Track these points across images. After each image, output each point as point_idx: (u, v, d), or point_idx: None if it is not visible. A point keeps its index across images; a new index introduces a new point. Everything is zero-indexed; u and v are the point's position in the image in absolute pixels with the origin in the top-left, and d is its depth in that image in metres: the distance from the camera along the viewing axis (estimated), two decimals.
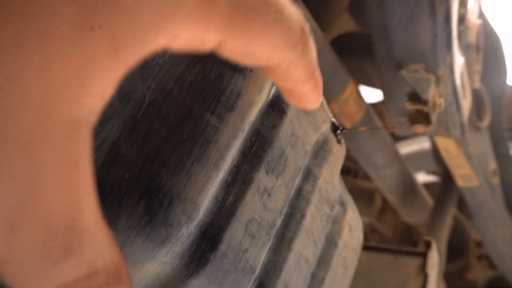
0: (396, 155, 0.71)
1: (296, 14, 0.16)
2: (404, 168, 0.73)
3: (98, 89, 0.12)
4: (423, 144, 1.22)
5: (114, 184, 0.18)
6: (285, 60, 0.17)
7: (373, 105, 0.96)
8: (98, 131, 0.18)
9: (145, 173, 0.19)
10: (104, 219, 0.14)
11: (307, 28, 0.17)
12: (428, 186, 1.03)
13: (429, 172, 1.15)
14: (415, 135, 1.19)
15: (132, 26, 0.12)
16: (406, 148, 1.20)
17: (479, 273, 0.99)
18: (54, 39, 0.11)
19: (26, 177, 0.11)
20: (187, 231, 0.21)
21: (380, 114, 0.87)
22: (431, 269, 0.50)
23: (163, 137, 0.20)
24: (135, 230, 0.19)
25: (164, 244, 0.20)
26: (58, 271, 0.12)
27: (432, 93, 0.44)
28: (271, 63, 0.17)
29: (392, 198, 0.77)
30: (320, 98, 0.20)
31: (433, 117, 0.46)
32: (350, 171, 1.07)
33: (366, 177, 1.06)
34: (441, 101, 0.46)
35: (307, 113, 0.30)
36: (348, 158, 1.08)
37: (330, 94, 0.53)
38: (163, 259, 0.20)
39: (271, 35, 0.15)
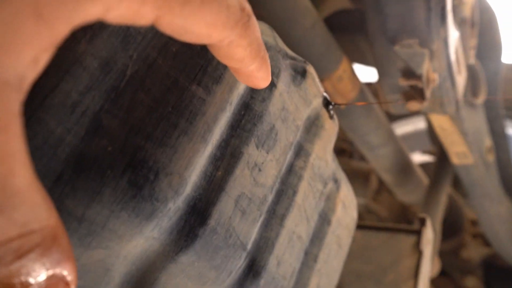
0: (391, 134, 0.70)
1: None
2: (399, 147, 0.73)
3: (26, 55, 0.12)
4: (418, 124, 1.22)
5: (97, 157, 0.18)
6: (225, 39, 0.17)
7: (368, 85, 0.95)
8: (78, 101, 0.18)
9: (128, 146, 0.18)
10: (39, 183, 0.14)
11: (248, 8, 0.18)
12: (423, 166, 1.04)
13: (425, 152, 1.15)
14: (410, 115, 1.19)
15: None
16: (401, 128, 1.20)
17: (474, 251, 1.00)
18: None
19: None
20: (174, 206, 0.20)
21: (375, 94, 0.86)
22: (425, 246, 0.50)
23: (147, 109, 0.19)
24: (119, 204, 0.18)
25: (150, 218, 0.19)
26: None
27: (426, 68, 0.43)
28: (210, 41, 0.17)
29: (388, 178, 0.76)
30: (268, 77, 0.21)
31: (427, 93, 0.45)
32: (345, 152, 1.07)
33: (361, 158, 1.06)
34: (435, 76, 0.45)
35: (297, 87, 0.29)
36: (343, 139, 1.07)
37: (323, 71, 0.52)
38: (150, 235, 0.20)
39: (209, 13, 0.16)
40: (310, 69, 0.30)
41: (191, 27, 0.16)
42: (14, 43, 0.12)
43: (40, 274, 0.14)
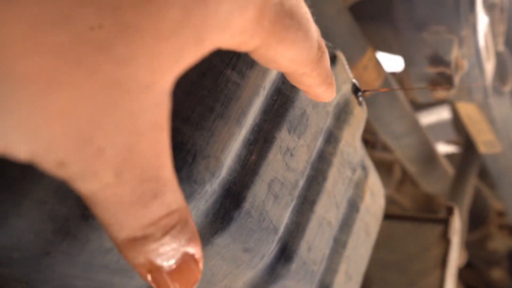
0: (415, 123, 0.69)
1: (317, 33, 0.19)
2: (424, 136, 0.72)
3: (184, 68, 0.15)
4: (442, 114, 1.20)
5: None
6: (299, 71, 0.20)
7: (393, 74, 0.94)
8: None
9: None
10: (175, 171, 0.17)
11: (323, 45, 0.20)
12: (448, 156, 1.02)
13: (449, 142, 1.13)
14: (435, 104, 1.17)
15: (213, 23, 0.15)
16: (425, 119, 1.18)
17: (500, 243, 0.98)
18: (162, 33, 0.14)
19: (130, 139, 0.14)
20: (211, 188, 0.21)
21: (400, 83, 0.85)
22: (453, 234, 0.49)
23: (184, 92, 0.20)
24: None
25: (188, 200, 0.20)
26: (147, 211, 0.15)
27: (454, 55, 0.43)
28: (286, 71, 0.20)
29: (412, 168, 0.76)
30: (332, 96, 0.23)
31: (456, 79, 0.44)
32: (368, 143, 1.06)
33: (385, 149, 1.05)
34: (464, 62, 0.44)
35: None
36: (366, 130, 1.07)
37: (347, 59, 0.52)
38: None
39: (295, 50, 0.18)
40: (340, 55, 0.30)
41: (277, 59, 0.18)
42: (181, 61, 0.15)
43: (178, 252, 0.16)
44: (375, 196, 0.39)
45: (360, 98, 0.33)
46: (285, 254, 0.27)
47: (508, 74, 0.62)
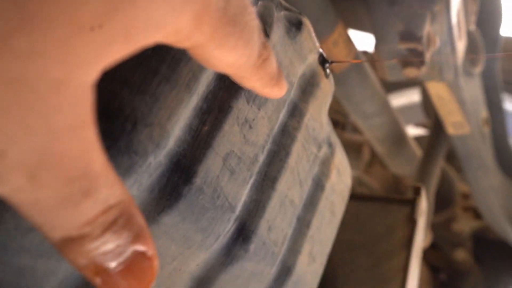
0: (385, 104, 0.69)
1: (260, 39, 0.19)
2: (394, 117, 0.71)
3: (110, 62, 0.14)
4: (412, 97, 1.20)
5: None
6: (238, 74, 0.19)
7: (364, 53, 0.93)
8: None
9: (102, 92, 0.16)
10: (110, 164, 0.15)
11: (266, 51, 0.19)
12: (417, 139, 1.02)
13: (418, 124, 1.14)
14: (405, 86, 1.17)
15: (143, 22, 0.14)
16: (395, 101, 1.18)
17: (464, 224, 1.00)
18: (80, 25, 0.12)
19: (41, 141, 0.13)
20: (155, 161, 0.18)
21: (371, 62, 0.84)
22: (419, 215, 0.49)
23: None
24: None
25: (128, 173, 0.17)
26: (80, 211, 0.14)
27: (426, 30, 0.41)
28: (224, 72, 0.19)
29: (381, 149, 0.75)
30: (282, 92, 0.22)
31: (427, 56, 0.43)
32: (338, 124, 1.05)
33: (354, 130, 1.05)
34: (436, 38, 0.43)
35: (292, 40, 0.27)
36: (336, 110, 1.06)
37: (317, 34, 0.50)
38: (129, 192, 0.18)
39: (234, 57, 0.18)
40: (306, 21, 0.28)
41: (213, 62, 0.18)
42: (103, 56, 0.14)
43: (125, 250, 0.15)
44: (341, 175, 0.37)
45: (328, 70, 0.31)
46: (243, 234, 0.25)
47: (478, 56, 0.61)
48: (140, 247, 0.16)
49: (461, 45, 0.49)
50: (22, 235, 0.16)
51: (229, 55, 0.17)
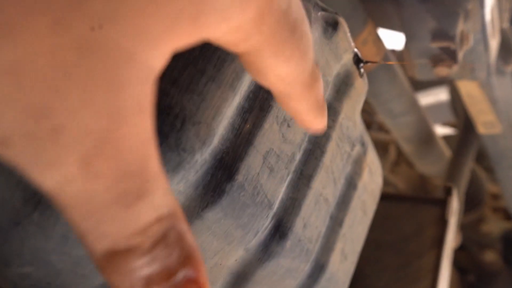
0: (414, 102, 0.68)
1: (314, 59, 0.17)
2: (422, 116, 0.70)
3: (174, 46, 0.12)
4: (440, 96, 1.19)
5: None
6: (286, 91, 0.17)
7: (393, 52, 0.92)
8: None
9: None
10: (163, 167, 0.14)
11: (318, 73, 0.18)
12: (444, 138, 1.01)
13: (446, 124, 1.12)
14: (433, 85, 1.16)
15: (211, 6, 0.12)
16: (422, 100, 1.17)
17: (494, 225, 0.98)
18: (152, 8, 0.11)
19: (105, 119, 0.11)
20: (201, 158, 0.19)
21: (400, 61, 0.83)
22: (451, 215, 0.48)
23: None
24: None
25: (177, 170, 0.18)
26: (132, 215, 0.12)
27: (460, 29, 0.41)
28: (272, 88, 0.17)
29: (408, 148, 0.74)
30: (322, 126, 0.20)
31: (460, 55, 0.43)
32: (363, 123, 1.05)
33: (380, 129, 1.04)
34: (469, 36, 0.42)
35: (328, 40, 0.28)
36: (362, 109, 1.05)
37: None
38: (176, 188, 0.19)
39: (287, 69, 0.16)
40: (342, 22, 0.28)
41: (265, 72, 0.16)
42: (173, 36, 0.12)
43: (173, 272, 0.13)
44: (373, 174, 0.37)
45: (362, 70, 0.31)
46: (280, 231, 0.26)
47: (511, 53, 0.60)
48: (191, 272, 0.13)
49: (494, 43, 0.49)
50: None
51: (283, 65, 0.16)
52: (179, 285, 0.13)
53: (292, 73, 0.16)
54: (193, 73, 0.18)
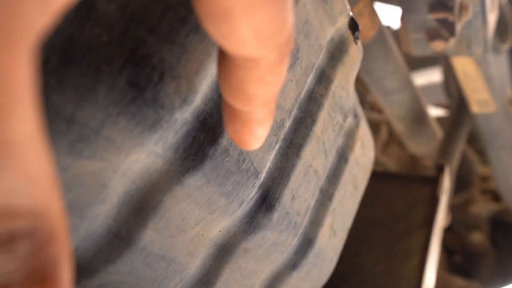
0: (407, 80, 0.67)
1: (292, 25, 0.14)
2: (415, 94, 0.69)
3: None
4: (433, 76, 1.17)
5: (89, 46, 0.15)
6: (248, 51, 0.13)
7: (388, 28, 0.91)
8: None
9: (128, 37, 0.15)
10: (46, 141, 0.09)
11: (292, 42, 0.14)
12: (437, 119, 1.00)
13: (438, 105, 1.11)
14: (426, 65, 1.14)
15: None
16: (415, 80, 1.16)
17: (482, 207, 0.98)
18: None
19: None
20: (182, 117, 0.17)
21: (395, 38, 0.82)
22: (442, 193, 0.47)
23: None
24: (117, 107, 0.15)
25: (153, 128, 0.16)
26: None
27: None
28: (240, 53, 0.13)
29: (400, 127, 0.73)
30: (261, 141, 0.17)
31: (458, 27, 0.41)
32: None
33: (372, 109, 1.03)
34: (469, 7, 0.41)
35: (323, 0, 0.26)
36: (354, 88, 1.04)
37: None
38: (153, 149, 0.17)
39: (261, 19, 0.12)
40: None
41: (234, 20, 0.12)
42: None
43: None
44: (365, 148, 0.36)
45: (357, 34, 0.29)
46: (267, 202, 0.24)
47: (508, 31, 0.58)
48: None
49: (492, 18, 0.47)
50: None
51: (256, 13, 0.12)
52: None
53: (268, 27, 0.13)
54: (174, 21, 0.16)
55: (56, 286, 0.09)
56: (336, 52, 0.29)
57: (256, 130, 0.16)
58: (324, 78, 0.28)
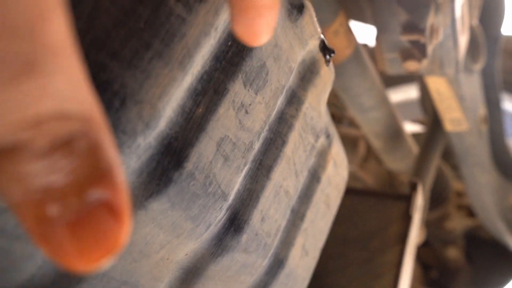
0: (384, 97, 0.67)
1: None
2: (392, 111, 0.70)
3: None
4: (409, 93, 1.19)
5: None
6: None
7: (364, 46, 0.92)
8: None
9: (89, 63, 0.15)
10: (78, 48, 0.10)
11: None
12: (413, 135, 1.02)
13: (415, 121, 1.13)
14: (403, 82, 1.16)
15: None
16: (392, 97, 1.18)
17: (457, 222, 0.99)
18: None
19: None
20: (144, 142, 0.17)
21: (372, 57, 0.83)
22: (415, 211, 0.48)
23: (113, 20, 0.16)
24: None
25: None
26: (17, 96, 0.09)
27: (430, 22, 0.40)
28: None
29: (377, 143, 0.74)
30: (271, 31, 0.17)
31: (430, 49, 0.42)
32: (334, 118, 1.04)
33: (350, 124, 1.04)
34: (439, 30, 0.42)
35: (293, 23, 0.26)
36: (332, 104, 1.05)
37: (318, 23, 0.49)
38: None
39: None
40: (308, 5, 0.27)
41: None
42: None
43: (81, 192, 0.09)
44: (338, 167, 0.36)
45: (328, 57, 0.30)
46: (235, 224, 0.24)
47: (479, 52, 0.60)
48: (106, 195, 0.10)
49: (463, 40, 0.48)
50: None
51: None
52: (88, 207, 0.10)
53: None
54: (137, 47, 0.16)
55: (115, 183, 0.10)
56: (307, 74, 0.29)
57: (266, 16, 0.16)
58: (294, 100, 0.28)
